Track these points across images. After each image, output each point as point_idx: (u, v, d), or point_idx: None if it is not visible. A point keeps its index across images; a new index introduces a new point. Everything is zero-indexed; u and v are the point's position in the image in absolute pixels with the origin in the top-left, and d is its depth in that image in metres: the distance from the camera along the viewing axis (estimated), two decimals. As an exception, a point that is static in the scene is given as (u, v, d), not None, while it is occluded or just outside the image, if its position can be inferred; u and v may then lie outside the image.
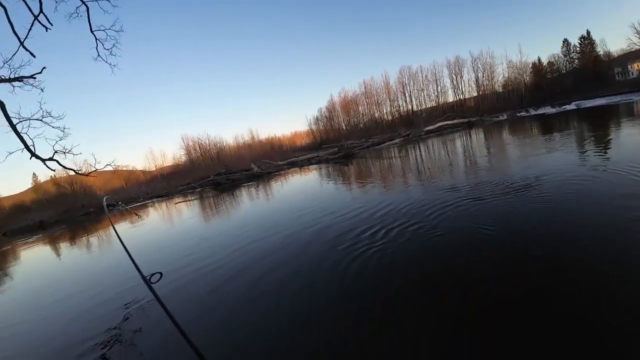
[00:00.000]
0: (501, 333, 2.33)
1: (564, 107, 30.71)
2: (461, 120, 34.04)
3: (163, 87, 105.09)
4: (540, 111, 32.83)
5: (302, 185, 14.50)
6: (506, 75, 53.36)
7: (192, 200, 19.97)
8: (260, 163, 31.97)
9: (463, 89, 55.65)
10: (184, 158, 58.82)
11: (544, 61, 51.74)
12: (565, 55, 49.88)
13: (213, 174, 30.53)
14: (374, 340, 2.55)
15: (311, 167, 24.23)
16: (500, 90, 53.15)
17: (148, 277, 2.02)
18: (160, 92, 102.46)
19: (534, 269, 3.09)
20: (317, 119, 66.34)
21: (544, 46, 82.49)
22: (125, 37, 8.09)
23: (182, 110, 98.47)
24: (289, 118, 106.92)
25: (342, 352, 2.52)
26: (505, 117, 34.96)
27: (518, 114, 34.57)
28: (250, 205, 12.29)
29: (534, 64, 51.82)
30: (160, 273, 2.08)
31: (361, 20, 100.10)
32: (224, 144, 59.97)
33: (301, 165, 27.31)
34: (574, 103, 30.88)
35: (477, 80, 54.11)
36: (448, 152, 14.69)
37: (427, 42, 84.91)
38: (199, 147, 57.69)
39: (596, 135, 10.67)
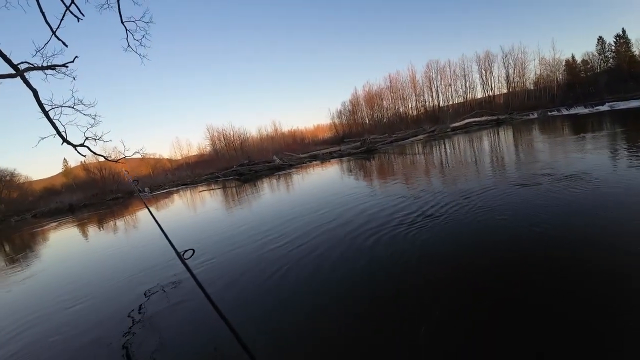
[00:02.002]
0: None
1: (597, 107, 29.08)
2: (489, 118, 32.89)
3: (190, 77, 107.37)
4: (573, 111, 31.30)
5: (322, 179, 14.44)
6: (538, 72, 50.94)
7: (215, 189, 20.35)
8: (282, 155, 32.17)
9: (492, 85, 53.62)
10: (208, 148, 60.08)
11: (578, 59, 49.10)
12: (599, 54, 47.10)
13: (236, 165, 30.99)
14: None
15: (332, 160, 24.14)
16: (532, 88, 50.83)
17: (182, 253, 2.09)
18: (187, 82, 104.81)
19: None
20: (340, 112, 65.91)
21: (578, 43, 77.65)
22: (154, 27, 8.21)
23: (208, 101, 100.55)
24: (311, 111, 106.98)
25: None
26: (535, 115, 33.48)
27: (549, 113, 33.03)
28: (275, 196, 12.37)
29: (567, 61, 49.18)
30: (193, 249, 2.13)
31: (388, 12, 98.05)
32: (248, 135, 60.65)
33: (323, 158, 27.24)
34: (607, 104, 29.18)
35: (507, 76, 51.93)
36: (475, 150, 14.22)
37: (456, 35, 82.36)
38: (224, 137, 58.61)
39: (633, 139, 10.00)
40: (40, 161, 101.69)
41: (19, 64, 4.40)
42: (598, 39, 46.82)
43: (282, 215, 7.99)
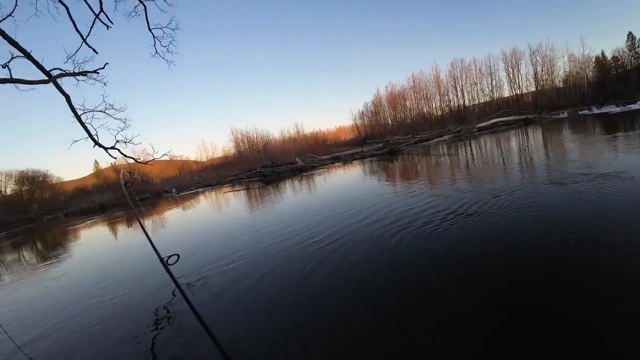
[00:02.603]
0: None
1: (629, 106, 27.54)
2: (517, 117, 31.65)
3: (215, 81, 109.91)
4: (604, 109, 29.67)
5: (345, 180, 14.33)
6: (567, 69, 48.68)
7: (239, 190, 20.68)
8: (304, 157, 32.31)
9: (520, 84, 51.77)
10: (232, 150, 61.37)
11: (608, 56, 46.47)
12: (630, 50, 44.46)
13: (259, 166, 31.41)
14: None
15: (355, 162, 23.98)
16: (561, 86, 48.67)
17: (166, 259, 2.08)
18: (213, 85, 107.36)
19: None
20: (362, 113, 65.64)
21: (607, 39, 73.23)
22: (181, 32, 8.43)
23: (233, 104, 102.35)
24: (333, 113, 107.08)
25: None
26: (565, 115, 31.99)
27: (580, 112, 31.46)
28: (299, 197, 12.40)
29: (597, 58, 46.79)
30: (178, 255, 2.12)
31: (410, 11, 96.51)
32: (270, 138, 61.47)
33: (345, 160, 27.11)
34: (639, 102, 27.63)
35: (535, 74, 50.01)
36: (503, 151, 13.67)
37: (480, 33, 79.82)
38: (247, 140, 59.68)
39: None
40: (72, 163, 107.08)
41: (51, 70, 4.61)
42: (628, 35, 44.33)
43: (309, 214, 8.04)
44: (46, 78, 4.50)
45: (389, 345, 2.49)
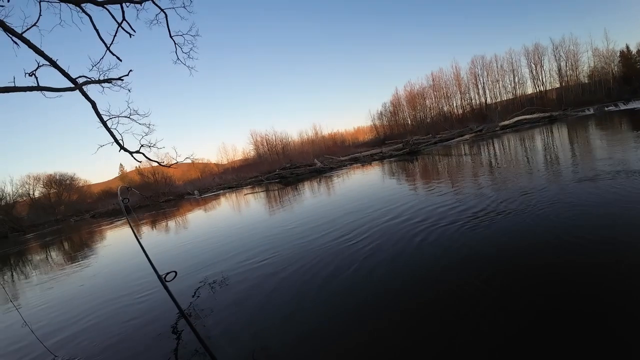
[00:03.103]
0: None
1: None
2: (542, 115, 30.50)
3: (234, 85, 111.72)
4: (631, 105, 28.30)
5: (365, 181, 14.19)
6: (592, 64, 46.66)
7: (259, 192, 20.88)
8: (322, 158, 32.29)
9: (544, 80, 49.95)
10: (252, 152, 62.25)
11: (633, 49, 44.26)
12: None
13: (279, 168, 31.64)
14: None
15: (374, 163, 23.75)
16: (586, 82, 46.65)
17: (164, 275, 2.08)
18: (231, 89, 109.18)
19: None
20: (381, 113, 65.14)
21: (632, 32, 69.80)
22: (200, 39, 8.61)
23: (251, 107, 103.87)
24: (351, 113, 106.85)
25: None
26: (591, 111, 30.61)
27: (606, 109, 30.02)
28: (319, 198, 12.40)
29: (622, 52, 44.68)
30: (175, 272, 2.12)
31: (427, 9, 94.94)
32: (289, 140, 62.00)
33: (364, 161, 26.92)
34: None
35: (559, 70, 48.12)
36: (527, 150, 13.17)
37: (501, 29, 77.48)
38: (266, 142, 60.40)
39: None
40: (98, 166, 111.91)
41: (77, 78, 4.78)
42: None
43: (332, 214, 8.05)
44: (72, 85, 4.67)
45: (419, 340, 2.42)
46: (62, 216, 45.50)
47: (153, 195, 36.63)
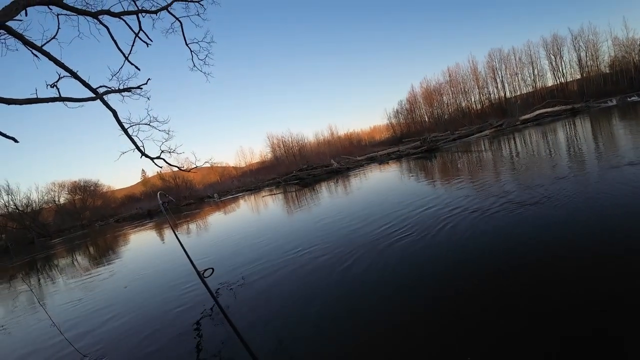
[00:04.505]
0: None
1: None
2: (563, 107, 29.39)
3: (250, 87, 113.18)
4: None
5: (383, 180, 14.07)
6: (612, 54, 44.77)
7: (277, 193, 21.05)
8: (339, 159, 32.24)
9: (564, 71, 48.13)
10: (269, 155, 62.81)
11: None
12: None
13: (295, 170, 31.83)
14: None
15: (391, 162, 23.51)
16: (607, 72, 44.70)
17: (202, 272, 2.13)
18: (248, 93, 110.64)
19: None
20: (397, 112, 64.33)
21: None
22: (215, 46, 8.74)
23: (268, 110, 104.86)
24: (367, 112, 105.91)
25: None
26: (614, 102, 29.30)
27: (629, 99, 28.68)
28: (341, 198, 12.40)
29: None
30: (212, 269, 2.17)
31: (441, 4, 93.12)
32: (305, 141, 62.16)
33: (380, 160, 26.69)
34: None
35: (579, 60, 46.30)
36: (550, 145, 12.71)
37: (518, 20, 75.10)
38: (283, 144, 60.81)
39: None
40: (121, 172, 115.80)
41: (97, 87, 4.94)
42: None
43: (357, 210, 8.06)
44: (93, 95, 4.83)
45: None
46: (87, 221, 47.31)
47: (174, 199, 37.58)
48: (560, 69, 48.43)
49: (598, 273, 2.87)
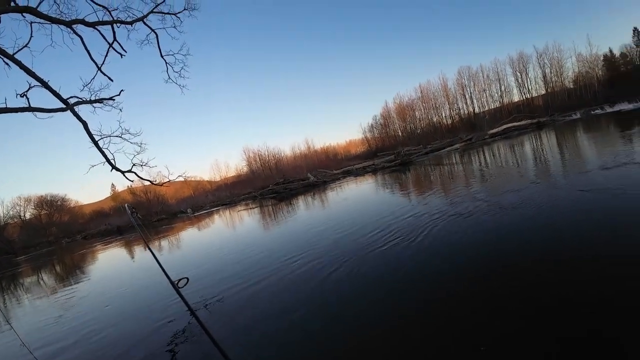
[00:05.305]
0: None
1: None
2: (529, 121, 31.11)
3: (226, 102, 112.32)
4: (616, 108, 29.25)
5: (359, 193, 14.26)
6: (576, 70, 47.91)
7: (253, 208, 20.79)
8: (316, 172, 32.37)
9: (529, 87, 51.07)
10: (245, 169, 62.08)
11: (616, 53, 45.93)
12: (637, 46, 43.82)
13: (272, 184, 31.63)
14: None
15: (367, 175, 23.89)
16: (571, 87, 47.86)
17: (176, 282, 2.09)
18: (224, 107, 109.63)
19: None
20: (371, 126, 65.61)
21: (614, 35, 73.09)
22: (191, 58, 8.68)
23: (244, 124, 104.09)
24: (343, 127, 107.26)
25: None
26: (578, 115, 31.47)
27: (592, 112, 30.94)
28: (319, 211, 12.39)
29: (605, 56, 46.12)
30: (187, 278, 2.13)
31: (413, 23, 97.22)
32: (282, 155, 62.07)
33: (357, 173, 27.06)
34: None
35: (544, 76, 49.37)
36: (517, 156, 13.40)
37: (485, 40, 79.48)
38: (259, 158, 60.37)
39: None
40: (90, 186, 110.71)
41: (68, 98, 4.78)
42: (633, 30, 43.70)
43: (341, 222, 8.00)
44: (63, 106, 4.67)
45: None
46: (53, 237, 44.75)
47: (145, 215, 36.23)
48: (526, 85, 51.26)
49: (574, 276, 3.01)
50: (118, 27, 5.88)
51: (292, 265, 5.49)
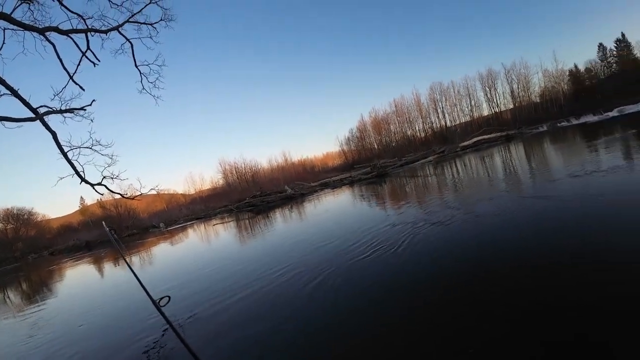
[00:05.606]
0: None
1: (606, 114, 29.29)
2: (498, 134, 32.63)
3: (202, 114, 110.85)
4: (582, 120, 31.28)
5: (336, 205, 14.34)
6: (542, 85, 51.40)
7: (229, 222, 20.40)
8: (293, 185, 32.31)
9: (498, 102, 54.07)
10: (221, 181, 61.09)
11: (581, 68, 49.65)
12: (602, 61, 47.83)
13: (249, 197, 31.25)
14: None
15: (344, 187, 24.08)
16: (538, 101, 51.03)
17: (158, 300, 2.03)
18: (199, 119, 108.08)
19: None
20: (348, 139, 66.78)
21: (579, 52, 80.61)
22: (166, 69, 8.57)
23: (220, 136, 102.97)
24: (320, 139, 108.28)
25: None
26: (545, 128, 33.38)
27: (559, 125, 32.92)
28: (291, 226, 12.31)
29: (570, 71, 49.77)
30: (169, 297, 2.07)
31: (387, 39, 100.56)
32: (259, 167, 61.71)
33: (334, 186, 27.22)
34: (615, 109, 29.28)
35: (512, 92, 52.48)
36: (487, 167, 14.00)
37: (456, 57, 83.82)
38: (235, 170, 59.73)
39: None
40: (58, 200, 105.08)
41: (38, 107, 4.60)
42: (599, 46, 47.59)
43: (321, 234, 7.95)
44: (33, 116, 4.48)
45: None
46: (19, 253, 41.98)
47: (115, 230, 34.73)
48: (495, 100, 54.13)
49: (551, 282, 3.10)
50: (92, 36, 5.74)
51: (272, 277, 5.43)
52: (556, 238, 4.10)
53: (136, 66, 8.02)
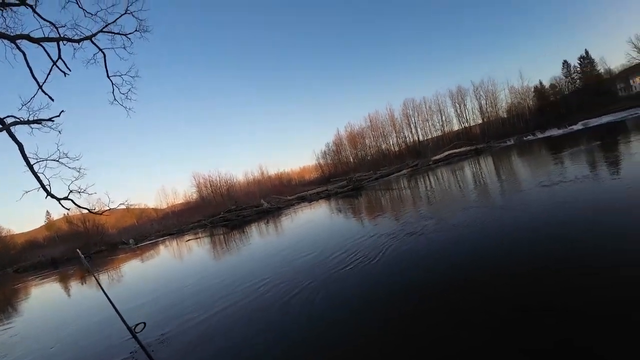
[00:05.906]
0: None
1: (570, 127, 31.20)
2: (468, 148, 34.00)
3: (175, 127, 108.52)
4: (547, 134, 33.14)
5: (314, 218, 14.36)
6: (509, 101, 54.35)
7: (202, 237, 19.89)
8: (270, 198, 32.03)
9: (467, 117, 56.59)
10: (195, 195, 59.54)
11: (546, 84, 52.91)
12: (566, 77, 51.09)
13: (223, 211, 30.61)
14: None
15: (321, 200, 24.16)
16: (505, 116, 53.79)
17: (133, 327, 1.98)
18: (172, 132, 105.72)
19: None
20: (324, 153, 67.30)
21: (544, 69, 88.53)
22: (139, 80, 8.43)
23: (194, 150, 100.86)
24: (297, 153, 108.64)
25: None
26: (512, 142, 35.14)
27: (525, 138, 34.77)
28: (265, 242, 12.17)
29: (536, 87, 52.88)
30: (144, 323, 2.03)
31: (363, 55, 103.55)
32: (234, 181, 60.74)
33: (311, 199, 27.24)
34: (580, 123, 31.28)
35: (480, 108, 55.12)
36: (458, 180, 14.54)
37: (428, 74, 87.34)
38: (210, 184, 58.47)
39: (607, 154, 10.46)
40: (22, 214, 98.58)
41: (5, 117, 4.42)
42: (563, 63, 50.97)
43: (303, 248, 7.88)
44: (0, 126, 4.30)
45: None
46: None
47: (83, 246, 32.93)
48: (465, 115, 56.63)
49: (530, 289, 3.21)
50: (64, 45, 5.59)
51: (250, 290, 5.35)
52: (530, 245, 4.32)
53: (108, 77, 7.84)
